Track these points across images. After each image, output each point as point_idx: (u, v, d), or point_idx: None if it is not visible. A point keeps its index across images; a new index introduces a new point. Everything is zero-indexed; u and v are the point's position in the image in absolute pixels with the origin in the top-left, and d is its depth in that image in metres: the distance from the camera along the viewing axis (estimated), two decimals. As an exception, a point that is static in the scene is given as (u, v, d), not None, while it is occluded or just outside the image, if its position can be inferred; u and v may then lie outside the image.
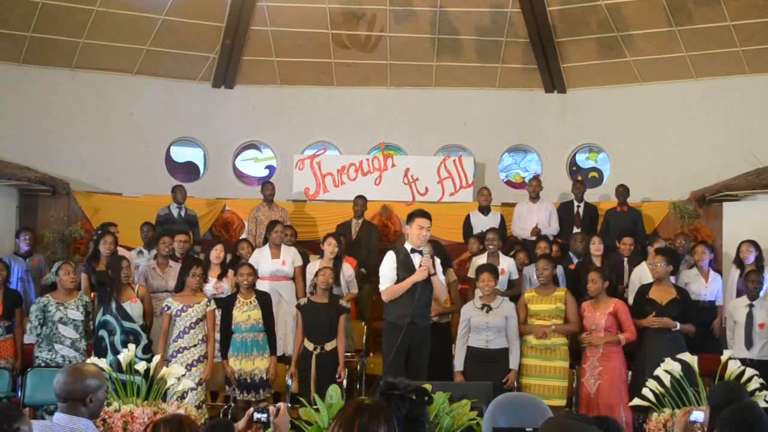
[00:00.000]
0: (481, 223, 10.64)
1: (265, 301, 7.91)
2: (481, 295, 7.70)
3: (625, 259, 9.31)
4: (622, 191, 10.96)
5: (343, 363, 7.73)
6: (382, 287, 7.05)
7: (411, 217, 7.01)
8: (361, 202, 10.93)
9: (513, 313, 7.65)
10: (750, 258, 8.89)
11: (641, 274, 8.65)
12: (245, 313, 7.72)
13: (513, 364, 7.53)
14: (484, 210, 11.01)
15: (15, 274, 9.55)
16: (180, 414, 4.29)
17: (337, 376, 7.52)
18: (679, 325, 7.53)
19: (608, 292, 7.83)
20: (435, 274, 6.86)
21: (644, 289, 7.93)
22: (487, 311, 7.56)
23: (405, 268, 6.92)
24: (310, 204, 12.17)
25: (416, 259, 6.90)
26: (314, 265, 8.91)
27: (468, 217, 10.98)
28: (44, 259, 10.28)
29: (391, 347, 6.86)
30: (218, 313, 8.00)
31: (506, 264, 9.09)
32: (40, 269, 10.02)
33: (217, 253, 8.79)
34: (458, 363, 7.61)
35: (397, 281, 6.91)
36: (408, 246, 7.00)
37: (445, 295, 7.34)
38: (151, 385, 6.13)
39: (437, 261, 7.07)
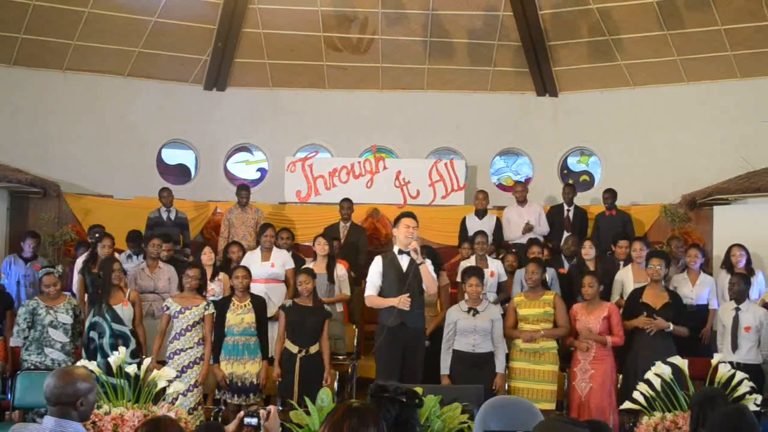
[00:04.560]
0: (476, 227, 10.58)
1: (259, 305, 7.89)
2: (466, 298, 7.66)
3: (621, 263, 9.28)
4: (608, 196, 10.97)
5: (330, 367, 7.66)
6: (366, 293, 7.19)
7: (398, 219, 7.16)
8: (347, 205, 10.87)
9: (498, 316, 7.62)
10: (742, 262, 8.91)
11: (625, 276, 8.68)
12: (239, 316, 7.70)
13: (499, 367, 7.49)
14: (480, 213, 10.98)
15: (13, 276, 9.52)
16: (160, 416, 4.29)
17: (324, 381, 7.45)
18: (672, 326, 7.55)
19: (600, 296, 7.83)
20: (423, 262, 6.91)
21: (637, 292, 7.94)
22: (474, 314, 7.51)
23: (392, 270, 7.00)
24: (301, 206, 12.13)
25: (404, 260, 6.99)
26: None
27: (464, 221, 10.94)
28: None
29: (381, 349, 6.89)
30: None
31: (494, 266, 9.09)
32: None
33: (207, 256, 8.77)
34: (444, 367, 7.53)
35: (384, 284, 7.04)
36: (396, 248, 7.09)
37: (434, 287, 7.29)
38: (140, 389, 6.09)
39: (428, 261, 7.14)
